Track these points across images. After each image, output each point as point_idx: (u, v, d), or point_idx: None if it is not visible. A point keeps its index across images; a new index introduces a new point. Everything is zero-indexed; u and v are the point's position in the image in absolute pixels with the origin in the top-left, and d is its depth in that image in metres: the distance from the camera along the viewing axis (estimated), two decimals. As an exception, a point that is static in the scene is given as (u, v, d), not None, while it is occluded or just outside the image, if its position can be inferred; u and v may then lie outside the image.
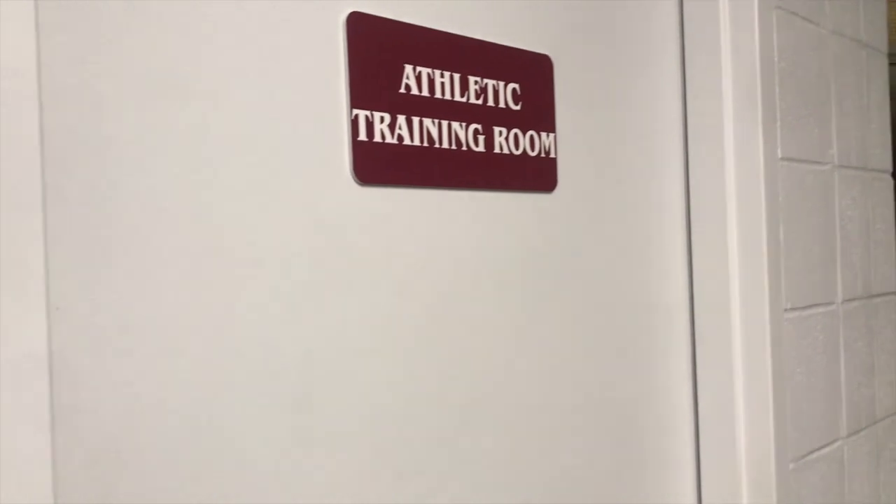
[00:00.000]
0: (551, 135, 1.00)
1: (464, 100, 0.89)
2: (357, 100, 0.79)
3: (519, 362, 0.97)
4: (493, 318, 0.94)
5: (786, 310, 1.19)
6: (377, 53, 0.81)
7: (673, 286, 1.19)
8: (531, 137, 0.97)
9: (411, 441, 0.84)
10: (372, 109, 0.80)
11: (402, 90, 0.83)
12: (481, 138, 0.91)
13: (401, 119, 0.82)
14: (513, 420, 0.95)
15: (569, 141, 1.04)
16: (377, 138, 0.80)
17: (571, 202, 1.04)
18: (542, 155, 0.99)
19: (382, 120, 0.81)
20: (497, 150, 0.93)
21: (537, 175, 0.99)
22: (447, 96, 0.87)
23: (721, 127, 1.16)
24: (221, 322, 0.69)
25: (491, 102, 0.93)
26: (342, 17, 0.78)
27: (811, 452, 1.25)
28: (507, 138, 0.94)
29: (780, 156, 1.18)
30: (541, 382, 0.99)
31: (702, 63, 1.17)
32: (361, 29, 0.79)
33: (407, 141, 0.83)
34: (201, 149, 0.68)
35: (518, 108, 0.96)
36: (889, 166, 1.50)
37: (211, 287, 0.68)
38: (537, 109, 0.98)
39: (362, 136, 0.79)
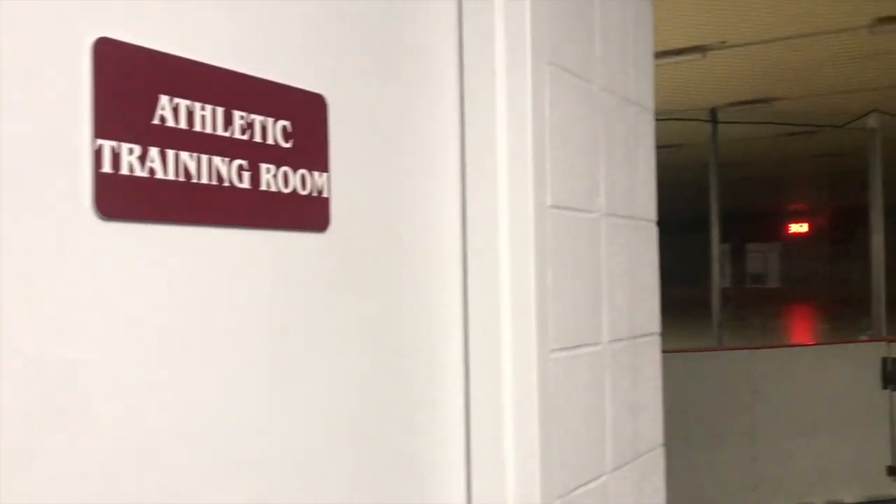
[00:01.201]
0: (324, 174, 1.00)
1: (227, 134, 0.87)
2: (102, 130, 0.74)
3: (286, 407, 0.94)
4: (259, 360, 0.91)
5: (553, 350, 1.24)
6: (128, 82, 0.77)
7: (447, 328, 1.21)
8: (302, 176, 0.96)
9: (163, 491, 0.79)
10: (119, 140, 0.75)
11: (157, 121, 0.79)
12: (246, 174, 0.89)
13: (153, 151, 0.78)
14: (272, 474, 0.92)
15: (344, 180, 1.03)
16: (124, 171, 0.76)
17: (345, 241, 1.04)
18: (315, 194, 0.98)
19: (131, 152, 0.76)
20: (264, 187, 0.91)
21: (308, 214, 0.97)
22: (208, 130, 0.84)
23: (495, 174, 1.20)
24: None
25: (258, 139, 0.90)
26: (89, 43, 0.74)
27: (577, 488, 1.30)
28: (275, 176, 0.93)
29: (549, 203, 1.24)
30: (306, 429, 0.97)
31: (478, 112, 1.21)
32: (110, 56, 0.75)
33: (160, 175, 0.79)
34: None
35: (289, 145, 0.94)
36: (654, 215, 1.61)
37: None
38: (310, 148, 0.97)
39: (107, 168, 0.74)
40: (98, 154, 0.74)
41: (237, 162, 0.88)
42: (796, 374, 4.98)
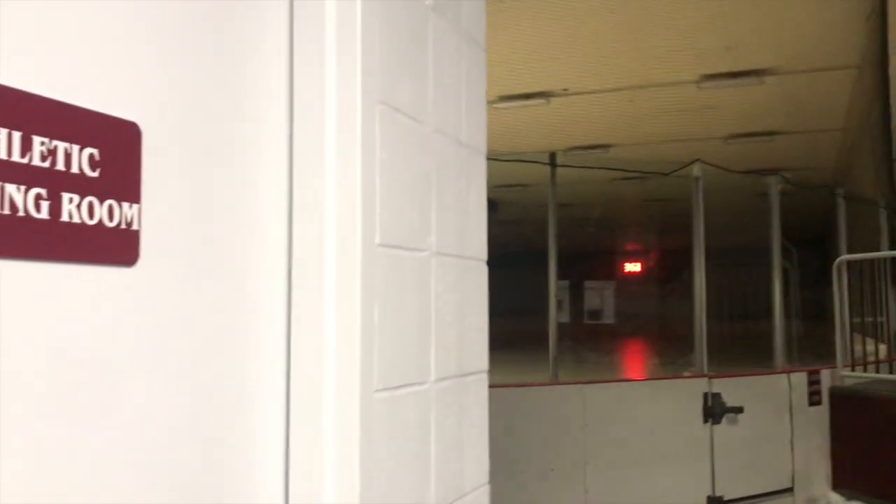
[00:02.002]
0: (135, 205, 0.95)
1: (25, 161, 0.81)
2: None
3: (83, 464, 0.88)
4: (58, 398, 0.85)
5: (377, 390, 1.23)
6: None
7: (267, 368, 1.17)
8: (110, 207, 0.91)
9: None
10: None
11: (-61, 144, 0.73)
12: (45, 204, 0.83)
13: (-67, 177, 0.72)
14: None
15: (158, 213, 0.99)
16: None
17: (157, 276, 0.99)
18: (123, 226, 0.93)
19: None
20: (66, 218, 0.86)
21: (115, 247, 0.92)
22: (2, 155, 0.78)
23: (322, 211, 1.18)
24: None
25: (61, 166, 0.85)
26: None
27: (400, 529, 1.28)
28: (79, 206, 0.87)
29: (378, 242, 1.24)
30: (103, 491, 0.91)
31: (307, 149, 1.19)
32: None
33: (-60, 202, 0.72)
34: None
35: (95, 174, 0.89)
36: (484, 255, 1.65)
37: None
38: (119, 178, 0.92)
39: None
40: None
41: (35, 190, 0.82)
42: (626, 408, 5.21)
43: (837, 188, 7.34)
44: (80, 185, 0.87)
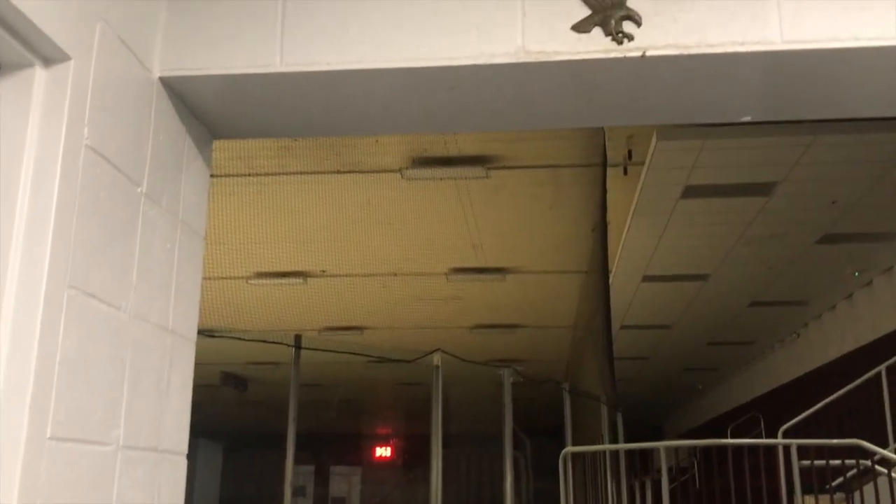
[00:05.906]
0: None
1: None
2: None
3: None
4: None
5: None
6: None
7: None
8: None
9: None
10: None
11: None
12: None
13: None
14: None
15: None
16: None
17: None
18: None
19: None
20: None
21: None
22: None
23: (-15, 400, 1.10)
24: None
25: None
26: None
27: None
28: None
29: (49, 435, 1.16)
30: None
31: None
32: None
33: None
34: None
35: None
36: (183, 447, 1.58)
37: None
38: None
39: None
40: None
41: None
42: None
43: (564, 382, 7.89)
44: None
